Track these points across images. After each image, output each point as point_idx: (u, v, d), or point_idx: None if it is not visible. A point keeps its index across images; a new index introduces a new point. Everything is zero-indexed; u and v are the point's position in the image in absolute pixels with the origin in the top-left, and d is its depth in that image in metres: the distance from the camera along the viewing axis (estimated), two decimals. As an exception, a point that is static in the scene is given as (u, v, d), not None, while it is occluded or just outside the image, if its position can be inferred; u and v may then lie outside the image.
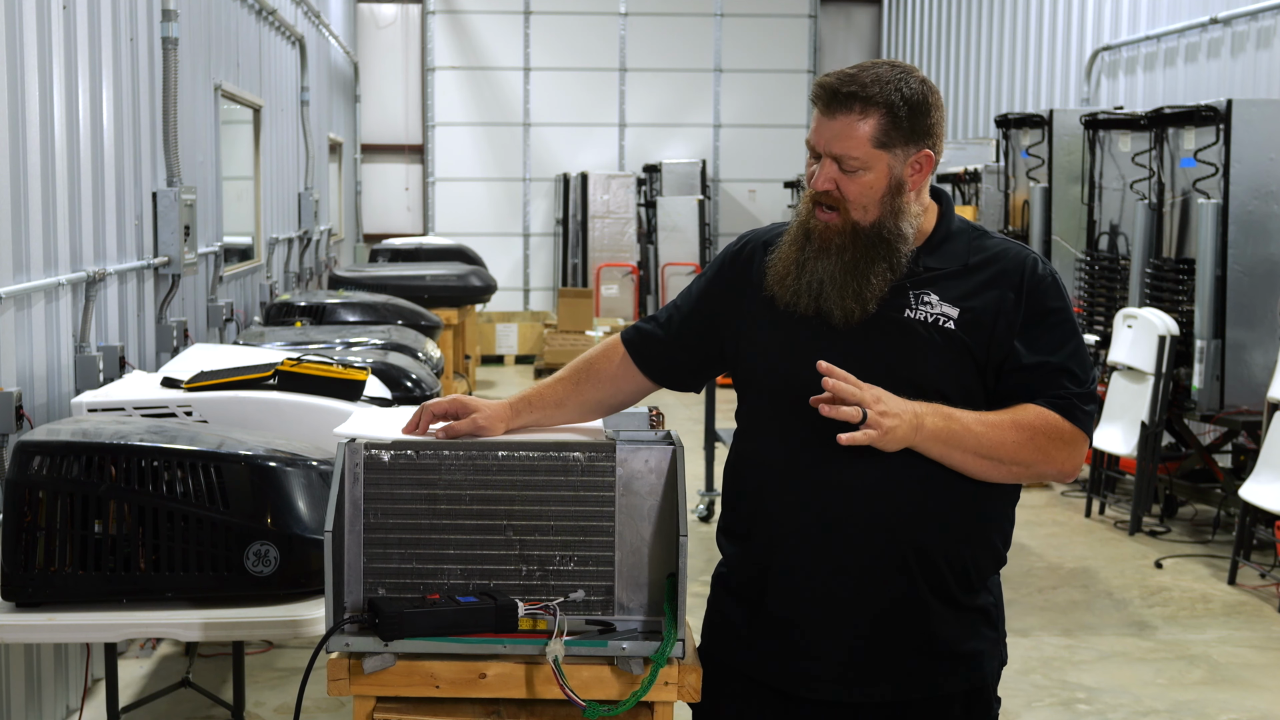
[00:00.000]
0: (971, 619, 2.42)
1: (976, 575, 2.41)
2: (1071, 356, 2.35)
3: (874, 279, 2.33)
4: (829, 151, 2.33)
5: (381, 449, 2.42)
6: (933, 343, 2.33)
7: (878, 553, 2.34)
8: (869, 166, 2.32)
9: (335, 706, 4.65)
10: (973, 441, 2.28)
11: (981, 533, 2.40)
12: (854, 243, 2.34)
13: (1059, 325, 2.36)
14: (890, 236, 2.34)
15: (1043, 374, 2.34)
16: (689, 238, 15.31)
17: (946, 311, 2.34)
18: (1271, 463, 6.27)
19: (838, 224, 2.35)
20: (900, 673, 2.38)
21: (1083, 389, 2.35)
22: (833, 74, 2.36)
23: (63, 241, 4.71)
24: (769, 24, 17.18)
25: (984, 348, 2.34)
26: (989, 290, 2.36)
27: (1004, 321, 2.34)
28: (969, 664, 2.42)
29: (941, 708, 2.42)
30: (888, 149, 2.33)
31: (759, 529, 2.43)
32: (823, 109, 2.35)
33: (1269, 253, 7.05)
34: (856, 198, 2.34)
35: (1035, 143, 9.37)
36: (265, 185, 9.10)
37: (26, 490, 2.98)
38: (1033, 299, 2.36)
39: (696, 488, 7.92)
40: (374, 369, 4.73)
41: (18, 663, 4.18)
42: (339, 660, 2.35)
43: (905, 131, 2.33)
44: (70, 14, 4.78)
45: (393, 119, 17.15)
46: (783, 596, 2.39)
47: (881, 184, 2.33)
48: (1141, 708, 5.01)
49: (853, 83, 2.31)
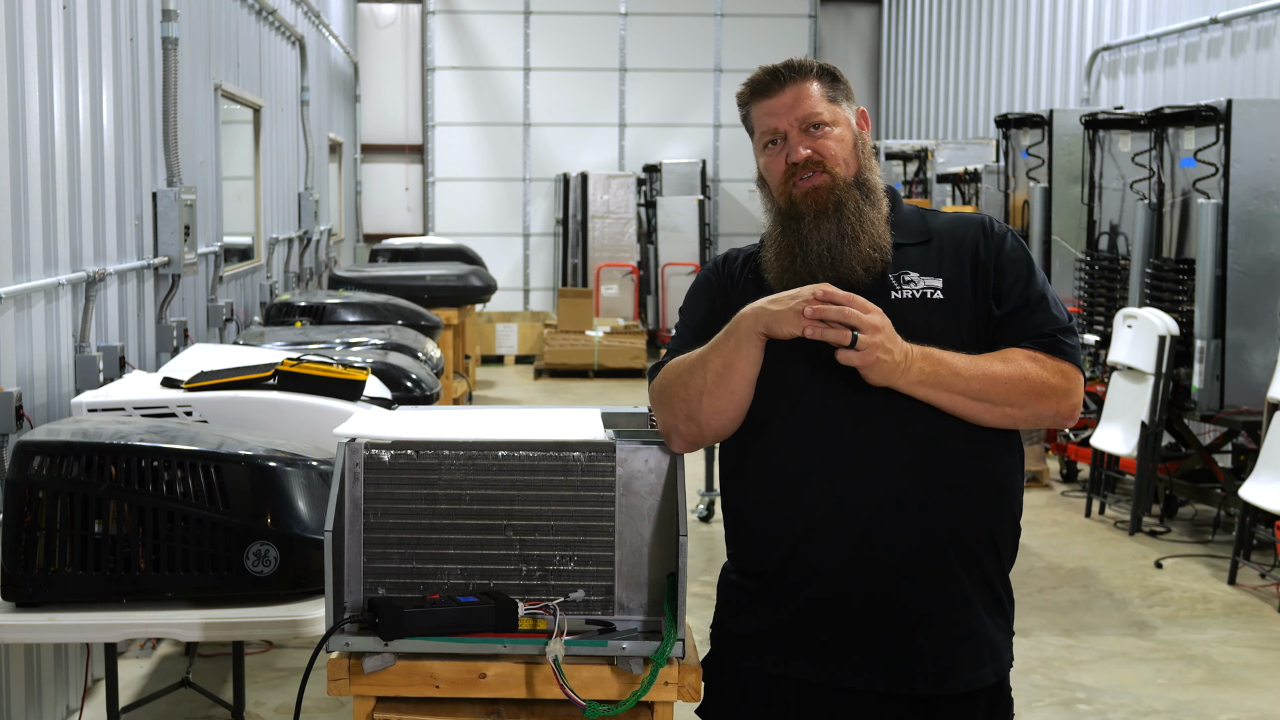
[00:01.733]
0: (995, 608, 2.39)
1: (1006, 553, 2.39)
2: (1041, 298, 2.39)
3: (880, 226, 2.38)
4: (794, 118, 2.40)
5: (381, 449, 2.42)
6: (928, 318, 2.35)
7: (908, 538, 2.30)
8: (834, 121, 2.41)
9: (335, 706, 4.65)
10: (960, 384, 2.28)
11: (1003, 506, 2.38)
12: (848, 195, 2.39)
13: (1024, 273, 2.40)
14: (871, 184, 2.42)
15: (1018, 319, 2.36)
16: (689, 238, 15.31)
17: (931, 284, 2.37)
18: (1271, 463, 6.27)
19: (827, 182, 2.39)
20: (940, 663, 2.33)
21: (1060, 324, 2.38)
22: (755, 72, 2.48)
23: (63, 241, 4.71)
24: (769, 24, 17.18)
25: (970, 309, 2.37)
26: (957, 255, 2.40)
27: (980, 279, 2.39)
28: (995, 655, 2.38)
29: (966, 704, 2.37)
30: (837, 103, 2.44)
31: (781, 530, 2.36)
32: (767, 93, 2.44)
33: (1269, 253, 7.05)
34: (835, 152, 2.40)
35: (1035, 143, 9.37)
36: (265, 185, 9.10)
37: (26, 490, 2.98)
38: (996, 255, 2.40)
39: (696, 488, 7.92)
40: (374, 369, 4.73)
41: (18, 663, 4.18)
42: (339, 660, 2.35)
43: (841, 91, 2.46)
44: (70, 14, 4.78)
45: (393, 119, 17.15)
46: (814, 593, 2.33)
47: (849, 136, 2.43)
48: (1141, 708, 5.01)
49: (782, 66, 2.45)
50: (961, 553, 2.33)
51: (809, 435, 2.34)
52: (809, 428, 2.33)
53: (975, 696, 2.38)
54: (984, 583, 2.36)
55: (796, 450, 2.34)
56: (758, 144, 2.46)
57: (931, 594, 2.32)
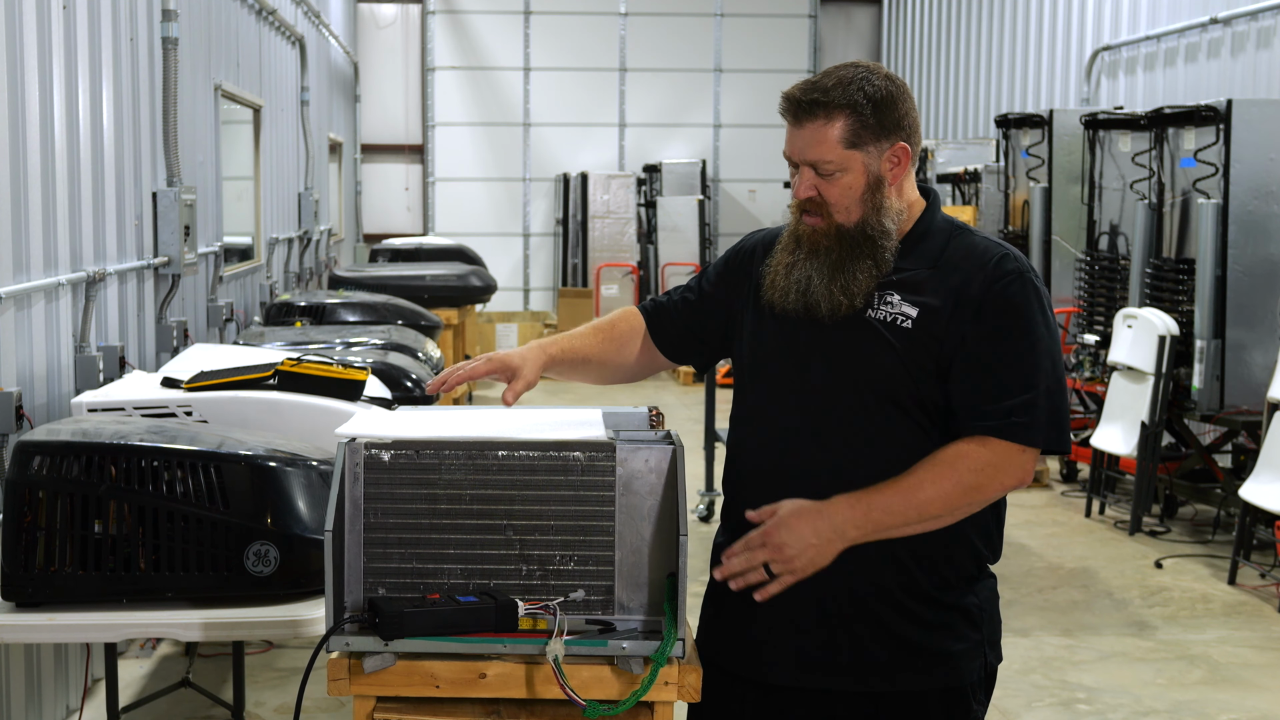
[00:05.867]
0: (949, 618, 2.42)
1: (954, 574, 2.42)
2: (1024, 369, 2.32)
3: (860, 275, 2.38)
4: (804, 159, 2.39)
5: (381, 449, 2.42)
6: (886, 343, 2.36)
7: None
8: (845, 168, 2.37)
9: (335, 706, 4.64)
10: (900, 520, 2.32)
11: (958, 531, 2.40)
12: (839, 243, 2.40)
13: (1007, 325, 2.34)
14: (874, 233, 2.39)
15: (977, 381, 2.33)
16: (689, 238, 15.31)
17: (905, 311, 2.37)
18: (1271, 463, 6.27)
19: (823, 227, 2.41)
20: (863, 665, 2.40)
21: (1019, 398, 2.31)
22: (797, 85, 2.43)
23: (63, 241, 4.71)
24: (769, 24, 17.18)
25: (938, 344, 2.35)
26: (951, 289, 2.37)
27: (958, 318, 2.35)
28: (945, 663, 2.42)
29: (917, 704, 2.43)
30: (859, 148, 2.37)
31: (736, 518, 2.49)
32: (791, 120, 2.42)
33: (1269, 253, 7.05)
34: (838, 200, 2.39)
35: (1035, 143, 9.37)
36: (265, 185, 9.10)
37: (26, 490, 2.98)
38: (991, 294, 2.35)
39: (696, 488, 7.92)
40: (374, 369, 4.73)
41: (18, 663, 4.18)
42: (339, 660, 2.35)
43: (874, 128, 2.36)
44: (70, 14, 4.78)
45: (393, 119, 17.15)
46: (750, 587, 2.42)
47: (860, 183, 2.38)
48: (1141, 708, 5.01)
49: (814, 90, 2.38)
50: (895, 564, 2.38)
51: (764, 432, 2.48)
52: (767, 424, 2.48)
53: (926, 697, 2.42)
54: (920, 593, 2.40)
55: (753, 444, 2.50)
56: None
57: (856, 593, 2.39)
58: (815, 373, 2.41)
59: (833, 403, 2.39)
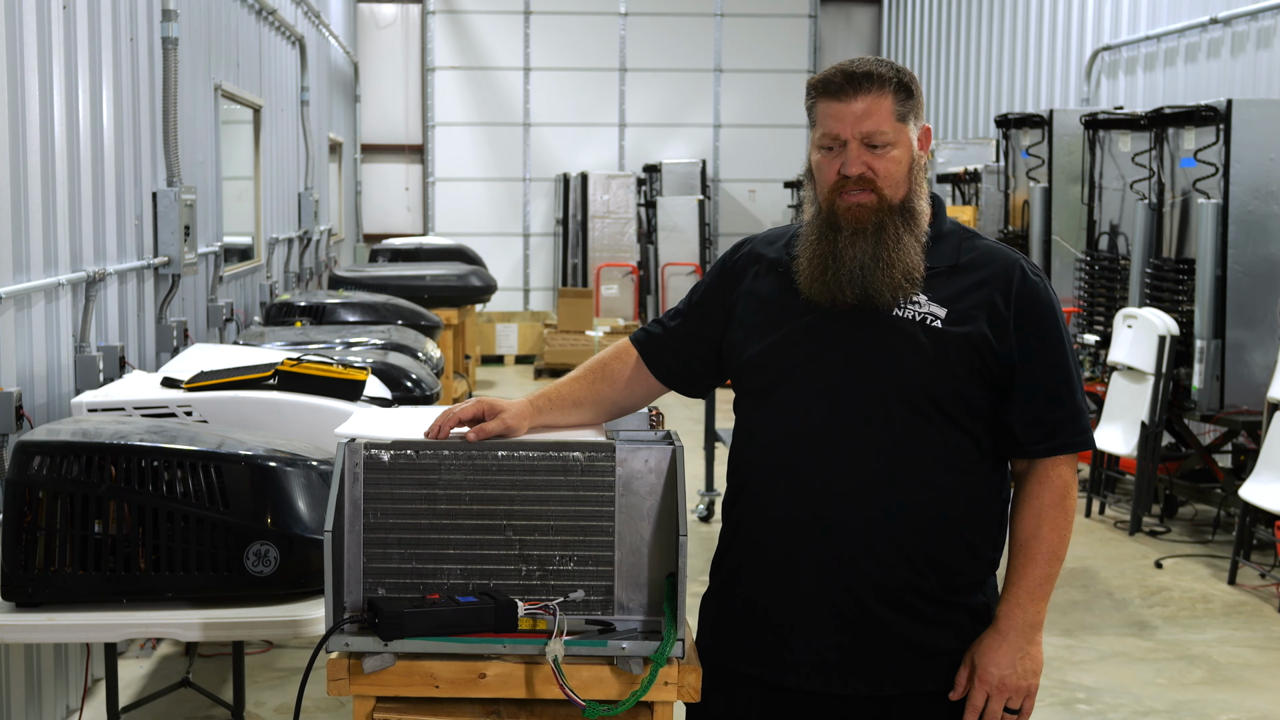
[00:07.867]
0: (959, 619, 2.43)
1: (963, 575, 2.42)
2: (1062, 377, 2.40)
3: (914, 254, 2.37)
4: (858, 132, 2.36)
5: (381, 449, 2.42)
6: (917, 342, 2.35)
7: (858, 548, 2.36)
8: (896, 141, 2.37)
9: (335, 706, 4.65)
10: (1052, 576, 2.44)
11: (968, 534, 2.41)
12: (890, 219, 2.37)
13: (1046, 337, 2.40)
14: (916, 210, 2.40)
15: (1037, 405, 2.39)
16: (689, 238, 15.31)
17: (934, 310, 2.37)
18: (1271, 463, 6.27)
19: (872, 203, 2.37)
20: (876, 669, 2.40)
21: (1068, 407, 2.41)
22: (836, 66, 2.42)
23: (63, 241, 4.71)
24: (769, 24, 17.18)
25: (972, 345, 2.35)
26: (977, 290, 2.38)
27: (994, 323, 2.36)
28: (955, 663, 2.43)
29: (926, 705, 2.43)
30: (905, 122, 2.39)
31: (744, 522, 2.48)
32: (838, 95, 2.37)
33: (1269, 253, 7.05)
34: (888, 174, 2.37)
35: (1035, 143, 9.37)
36: (265, 185, 9.10)
37: (26, 490, 2.98)
38: (1024, 307, 2.38)
39: (696, 488, 7.92)
40: (374, 369, 4.73)
41: (18, 663, 4.18)
42: (339, 660, 2.35)
43: (912, 107, 2.40)
44: (70, 14, 4.78)
45: (393, 119, 17.15)
46: (761, 587, 2.43)
47: (907, 159, 2.39)
48: (1141, 708, 5.01)
49: (864, 65, 2.38)
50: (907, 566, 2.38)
51: (780, 434, 2.43)
52: (783, 427, 2.43)
53: (935, 698, 2.43)
54: (930, 594, 2.40)
55: (766, 447, 2.45)
56: (815, 140, 2.43)
57: (869, 597, 2.38)
58: (839, 371, 2.37)
59: (856, 401, 2.36)
